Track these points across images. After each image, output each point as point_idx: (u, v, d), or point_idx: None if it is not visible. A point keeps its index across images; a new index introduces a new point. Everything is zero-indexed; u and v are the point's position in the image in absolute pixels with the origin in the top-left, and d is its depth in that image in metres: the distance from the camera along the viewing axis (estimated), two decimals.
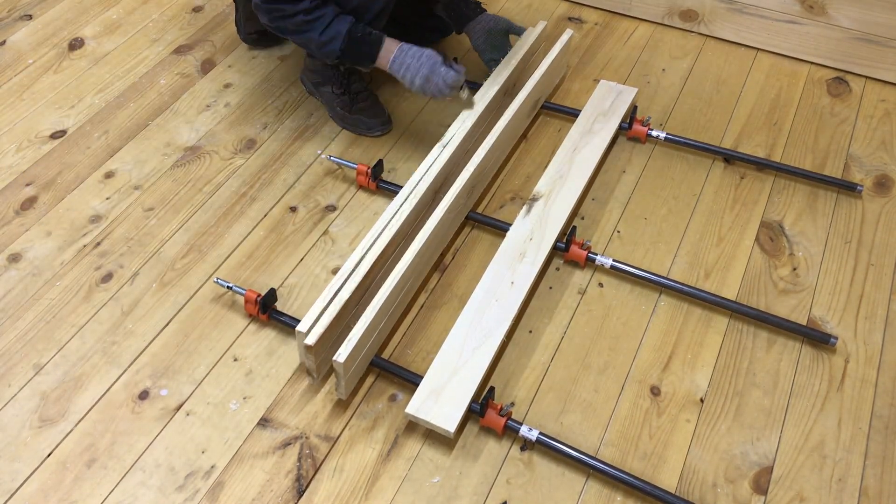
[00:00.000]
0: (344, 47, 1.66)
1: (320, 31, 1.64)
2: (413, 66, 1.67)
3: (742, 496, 1.36)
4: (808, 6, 2.08)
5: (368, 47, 1.68)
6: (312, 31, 1.64)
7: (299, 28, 1.65)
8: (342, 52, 1.66)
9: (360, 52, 1.68)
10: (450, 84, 1.67)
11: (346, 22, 1.66)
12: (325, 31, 1.65)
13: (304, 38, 1.67)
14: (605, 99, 1.95)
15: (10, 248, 1.73)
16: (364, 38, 1.67)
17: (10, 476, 1.39)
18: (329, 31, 1.65)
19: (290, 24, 1.64)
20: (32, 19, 2.29)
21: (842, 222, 1.77)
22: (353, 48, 1.67)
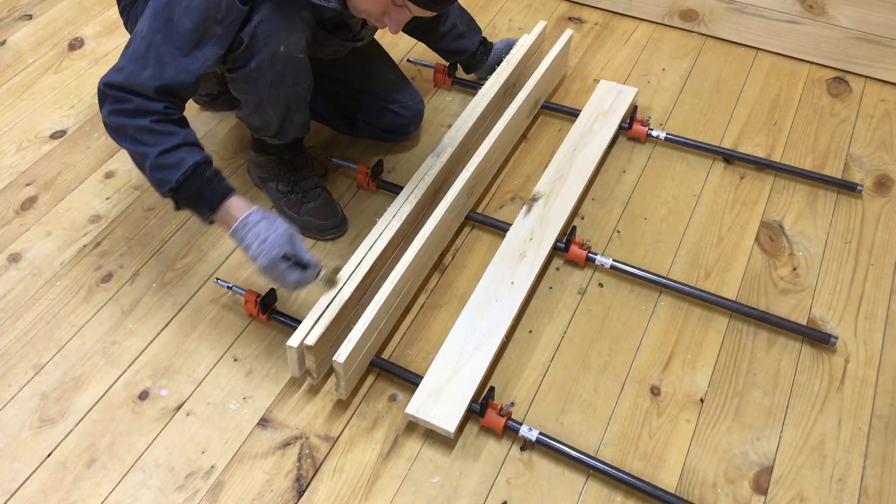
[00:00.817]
0: (182, 179, 1.32)
1: (161, 150, 1.32)
2: (253, 248, 1.33)
3: (742, 496, 1.36)
4: (808, 6, 2.08)
5: (211, 194, 1.35)
6: (152, 145, 1.32)
7: (138, 136, 1.33)
8: (178, 185, 1.33)
9: (201, 194, 1.35)
10: (292, 285, 1.36)
11: (198, 154, 1.35)
12: (167, 153, 1.32)
13: (139, 151, 1.34)
14: (605, 99, 1.95)
15: (10, 248, 1.73)
16: (211, 181, 1.35)
17: (10, 476, 1.39)
18: (172, 156, 1.33)
19: (131, 126, 1.33)
20: (32, 19, 2.29)
21: (842, 222, 1.77)
22: (193, 185, 1.34)
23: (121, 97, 1.33)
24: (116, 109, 1.34)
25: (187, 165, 1.33)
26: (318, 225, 1.72)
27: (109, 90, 1.34)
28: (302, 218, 1.72)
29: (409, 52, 2.17)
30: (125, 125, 1.33)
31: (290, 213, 1.73)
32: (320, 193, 1.74)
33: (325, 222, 1.72)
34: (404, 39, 2.20)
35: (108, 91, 1.34)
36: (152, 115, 1.33)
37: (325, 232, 1.73)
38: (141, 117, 1.33)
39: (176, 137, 1.34)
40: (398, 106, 1.83)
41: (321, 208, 1.73)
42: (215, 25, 1.34)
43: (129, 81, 1.32)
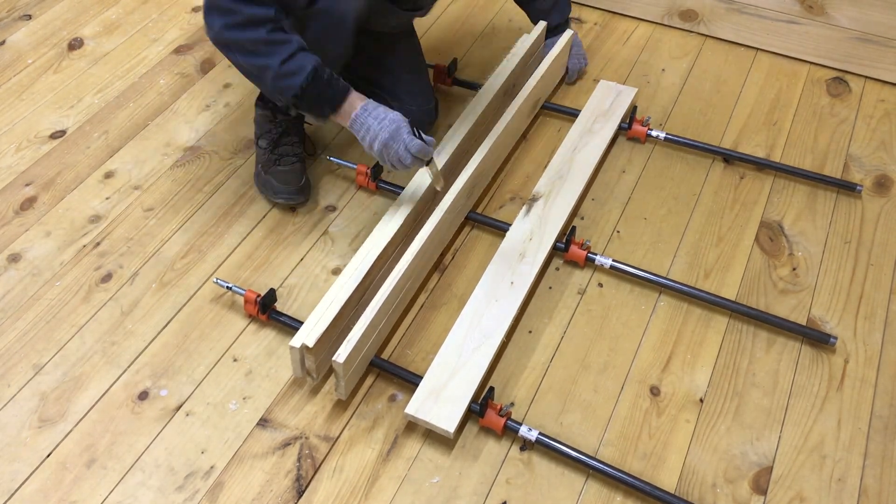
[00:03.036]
0: (305, 85, 1.40)
1: (282, 60, 1.37)
2: (374, 127, 1.44)
3: (742, 496, 1.36)
4: (808, 6, 2.08)
5: (332, 92, 1.43)
6: (272, 55, 1.37)
7: (256, 49, 1.37)
8: (302, 91, 1.40)
9: (322, 95, 1.43)
10: (413, 153, 1.45)
11: (312, 59, 1.41)
12: (288, 60, 1.38)
13: (258, 64, 1.39)
14: (605, 99, 1.95)
15: (9, 248, 1.73)
16: (330, 82, 1.43)
17: (9, 476, 1.39)
18: (292, 63, 1.38)
19: (247, 40, 1.37)
20: (32, 19, 2.29)
21: (841, 222, 1.77)
22: (315, 89, 1.41)
23: (228, 8, 1.35)
24: (229, 24, 1.36)
25: (308, 70, 1.39)
26: (275, 187, 1.76)
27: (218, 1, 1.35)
28: (266, 176, 1.77)
29: None
30: (239, 39, 1.37)
31: (259, 170, 1.79)
32: (294, 162, 1.78)
33: (284, 186, 1.76)
34: None
35: (220, 2, 1.35)
36: (266, 24, 1.36)
37: (279, 194, 1.76)
38: (254, 28, 1.36)
39: (292, 45, 1.39)
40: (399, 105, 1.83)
41: (287, 174, 1.76)
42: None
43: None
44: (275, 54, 1.37)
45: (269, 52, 1.37)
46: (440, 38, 2.22)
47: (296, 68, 1.39)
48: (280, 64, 1.37)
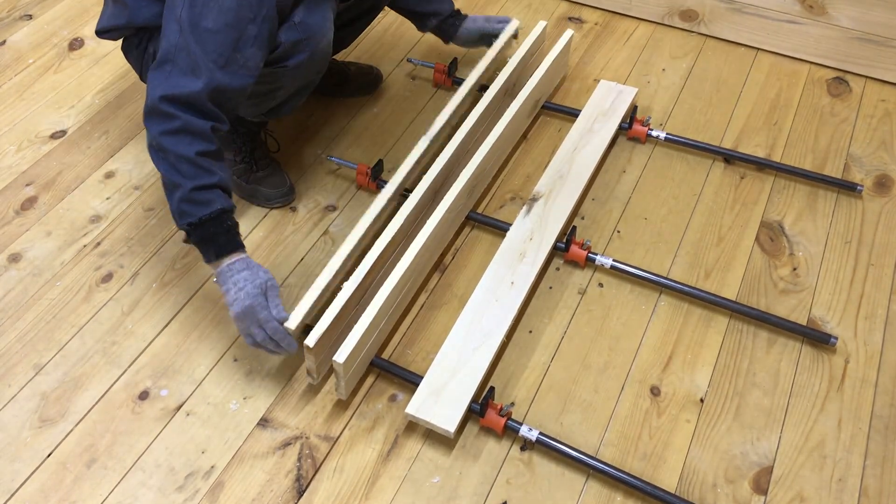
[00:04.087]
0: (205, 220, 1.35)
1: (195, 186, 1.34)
2: (231, 293, 1.36)
3: (742, 496, 1.36)
4: (808, 6, 2.07)
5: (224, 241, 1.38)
6: (188, 178, 1.34)
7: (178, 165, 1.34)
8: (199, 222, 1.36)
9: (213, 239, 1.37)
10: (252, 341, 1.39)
11: (226, 201, 1.38)
12: (201, 190, 1.34)
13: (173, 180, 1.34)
14: (605, 99, 1.95)
15: (10, 248, 1.73)
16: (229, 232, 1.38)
17: (10, 476, 1.39)
18: (204, 194, 1.35)
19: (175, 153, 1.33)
20: (32, 19, 2.29)
21: (842, 222, 1.77)
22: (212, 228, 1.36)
23: (170, 114, 1.33)
24: (167, 130, 1.33)
25: (215, 208, 1.36)
26: (265, 193, 1.79)
27: (163, 104, 1.33)
28: (250, 186, 1.79)
29: (409, 51, 2.17)
30: (169, 149, 1.34)
31: (239, 181, 1.79)
32: (270, 163, 1.80)
33: (273, 191, 1.78)
34: (405, 39, 2.20)
35: (160, 106, 1.33)
36: (198, 143, 1.34)
37: (272, 200, 1.79)
38: (187, 144, 1.34)
39: (214, 177, 1.36)
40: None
41: (269, 177, 1.78)
42: (249, 25, 1.35)
43: (183, 91, 1.33)
44: (192, 178, 1.34)
45: (188, 173, 1.34)
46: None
47: (204, 200, 1.35)
48: (191, 189, 1.34)
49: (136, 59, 1.65)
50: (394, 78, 2.10)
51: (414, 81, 2.09)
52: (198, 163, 1.34)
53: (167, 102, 1.33)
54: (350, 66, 2.01)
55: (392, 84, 2.08)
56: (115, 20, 1.59)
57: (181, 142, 1.34)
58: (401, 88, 2.07)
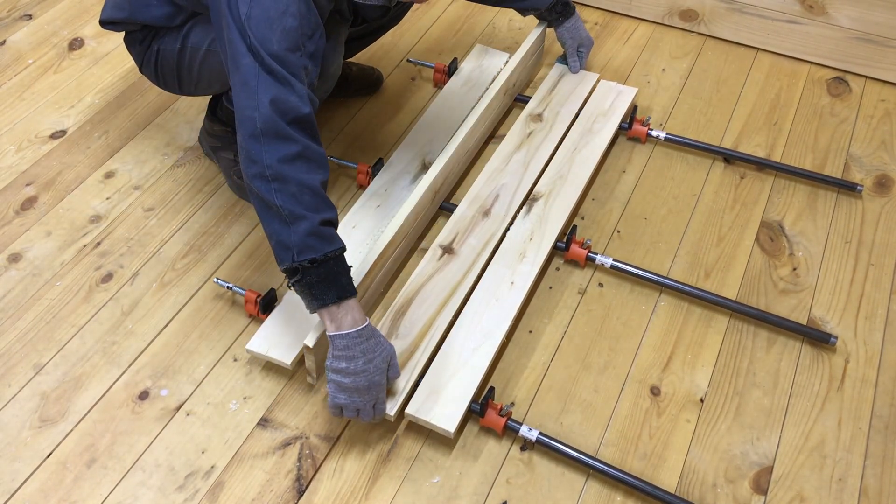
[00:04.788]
0: (331, 256, 1.24)
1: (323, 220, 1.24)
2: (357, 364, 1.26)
3: (742, 496, 1.36)
4: (808, 6, 2.07)
5: (346, 283, 1.26)
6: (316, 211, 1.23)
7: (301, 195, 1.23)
8: (324, 258, 1.24)
9: (336, 279, 1.25)
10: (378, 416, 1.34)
11: (342, 242, 1.28)
12: (327, 224, 1.25)
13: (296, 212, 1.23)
14: (605, 99, 1.95)
15: (10, 248, 1.73)
16: (348, 273, 1.27)
17: (10, 476, 1.39)
18: (330, 229, 1.26)
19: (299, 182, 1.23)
20: (32, 19, 2.29)
21: (842, 222, 1.77)
22: (335, 267, 1.25)
23: (291, 137, 1.22)
24: (287, 156, 1.21)
25: (338, 245, 1.25)
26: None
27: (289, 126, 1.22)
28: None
29: (408, 52, 2.17)
30: (291, 178, 1.21)
31: (239, 182, 1.76)
32: None
33: None
34: (405, 39, 2.20)
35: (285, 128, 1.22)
36: (320, 172, 1.24)
37: None
38: (308, 172, 1.22)
39: (334, 211, 1.26)
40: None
41: None
42: (307, 42, 1.30)
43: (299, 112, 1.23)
44: (320, 211, 1.23)
45: (314, 206, 1.22)
46: (440, 38, 2.22)
47: (330, 236, 1.25)
48: (320, 223, 1.23)
49: (137, 54, 1.65)
50: (394, 78, 2.10)
51: (414, 81, 2.09)
52: (321, 194, 1.24)
53: (291, 124, 1.22)
54: (351, 66, 2.01)
55: (392, 84, 2.08)
56: (117, 12, 1.59)
57: (301, 169, 1.23)
58: (401, 89, 2.07)
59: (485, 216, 1.68)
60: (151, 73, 1.66)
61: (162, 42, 1.58)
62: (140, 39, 1.62)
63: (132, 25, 1.61)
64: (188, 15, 1.54)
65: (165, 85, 1.67)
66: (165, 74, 1.63)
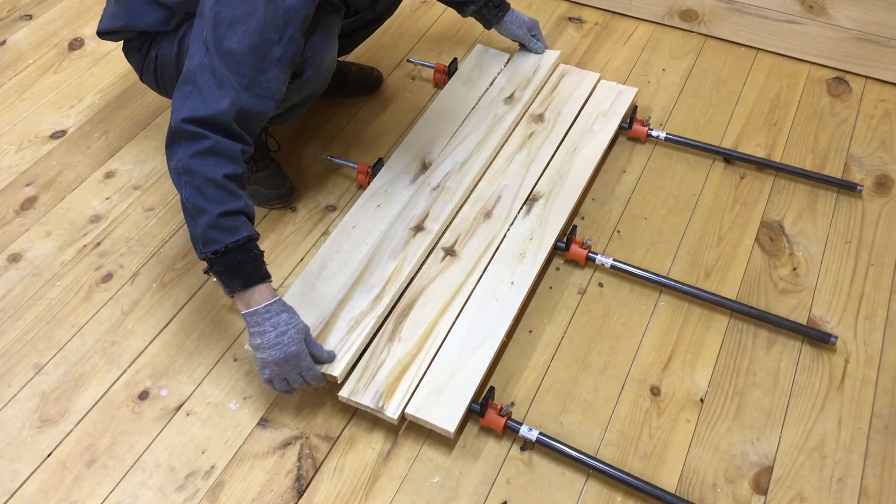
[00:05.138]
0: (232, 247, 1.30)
1: (222, 211, 1.29)
2: (269, 336, 1.32)
3: (742, 496, 1.36)
4: (808, 6, 2.07)
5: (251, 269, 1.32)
6: (215, 203, 1.29)
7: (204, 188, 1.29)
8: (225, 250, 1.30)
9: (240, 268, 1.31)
10: (308, 381, 1.38)
11: (251, 229, 1.33)
12: (227, 215, 1.29)
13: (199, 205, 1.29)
14: (605, 99, 1.94)
15: (10, 248, 1.73)
16: (256, 260, 1.33)
17: (10, 476, 1.39)
18: (231, 220, 1.30)
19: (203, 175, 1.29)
20: (32, 19, 2.29)
21: (842, 222, 1.77)
22: (239, 256, 1.31)
23: (198, 134, 1.28)
24: (197, 151, 1.28)
25: (241, 235, 1.31)
26: (265, 194, 1.77)
27: (187, 125, 1.28)
28: (250, 186, 1.76)
29: (409, 52, 2.17)
30: (196, 171, 1.28)
31: None
32: (270, 164, 1.78)
33: (272, 192, 1.77)
34: (405, 39, 2.20)
35: (184, 127, 1.28)
36: (226, 165, 1.30)
37: (272, 201, 1.78)
38: (213, 166, 1.29)
39: (240, 202, 1.31)
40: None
41: (269, 178, 1.77)
42: (274, 47, 1.32)
43: (209, 112, 1.28)
44: (218, 203, 1.29)
45: (215, 197, 1.29)
46: (440, 38, 2.22)
47: (231, 226, 1.30)
48: (219, 214, 1.29)
49: (136, 62, 1.66)
50: (394, 78, 2.10)
51: (414, 81, 2.09)
52: (225, 186, 1.30)
53: (193, 123, 1.29)
54: (351, 66, 2.01)
55: (392, 84, 2.08)
56: (114, 22, 1.59)
57: (208, 163, 1.29)
58: (401, 88, 2.07)
59: (487, 218, 1.68)
60: (152, 81, 1.66)
61: (159, 48, 1.59)
62: (138, 47, 1.62)
63: (129, 33, 1.61)
64: (182, 18, 1.55)
65: (167, 92, 1.67)
66: (165, 80, 1.63)
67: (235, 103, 1.30)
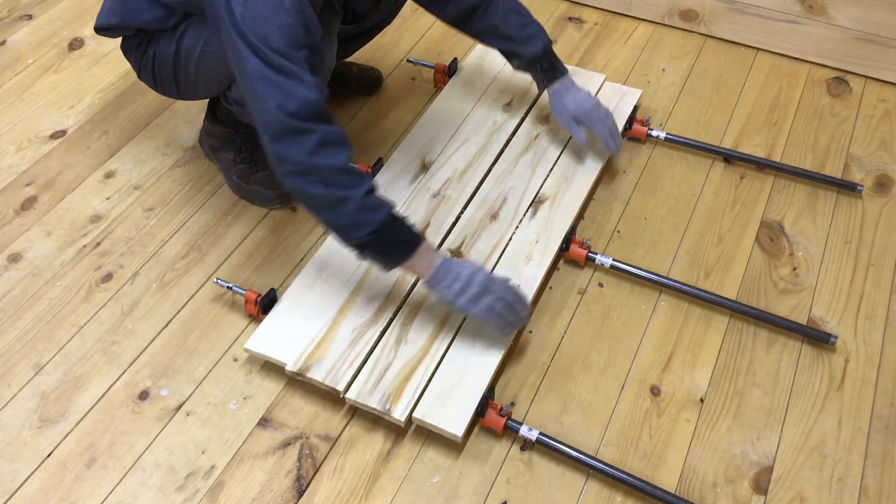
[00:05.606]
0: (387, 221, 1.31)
1: (365, 191, 1.30)
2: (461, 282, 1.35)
3: (742, 496, 1.36)
4: (808, 6, 2.08)
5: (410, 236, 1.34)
6: (355, 186, 1.29)
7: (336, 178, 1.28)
8: (381, 227, 1.31)
9: (401, 238, 1.34)
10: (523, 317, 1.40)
11: (388, 201, 1.33)
12: (370, 194, 1.31)
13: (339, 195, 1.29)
14: (609, 101, 1.94)
15: (10, 248, 1.73)
16: (404, 224, 1.34)
17: (10, 476, 1.39)
18: (374, 198, 1.31)
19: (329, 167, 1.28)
20: (32, 19, 2.29)
21: (842, 222, 1.77)
22: (394, 228, 1.33)
23: (305, 129, 1.26)
24: (311, 147, 1.26)
25: (387, 209, 1.31)
26: (266, 195, 1.77)
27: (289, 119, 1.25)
28: (251, 187, 1.76)
29: (409, 52, 2.17)
30: (322, 166, 1.27)
31: (239, 182, 1.77)
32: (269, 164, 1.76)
33: (273, 192, 1.76)
34: (405, 39, 2.20)
35: (287, 121, 1.25)
36: (343, 151, 1.29)
37: (272, 201, 1.77)
38: (334, 154, 1.28)
39: (368, 180, 1.31)
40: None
41: (269, 178, 1.76)
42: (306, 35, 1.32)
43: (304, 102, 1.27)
44: (357, 186, 1.29)
45: (352, 182, 1.28)
46: (440, 37, 2.22)
47: (377, 204, 1.31)
48: (364, 195, 1.29)
49: (134, 60, 1.65)
50: (394, 78, 2.10)
51: (414, 82, 2.09)
52: (349, 170, 1.29)
53: (291, 116, 1.26)
54: (351, 66, 2.01)
55: (392, 84, 2.08)
56: (111, 17, 1.58)
57: (327, 154, 1.27)
58: (401, 89, 2.07)
59: (493, 219, 1.67)
60: (149, 79, 1.66)
61: (157, 46, 1.58)
62: (136, 45, 1.62)
63: (127, 30, 1.61)
64: (181, 17, 1.54)
65: (164, 90, 1.67)
66: (163, 79, 1.63)
67: (313, 88, 1.28)
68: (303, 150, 1.27)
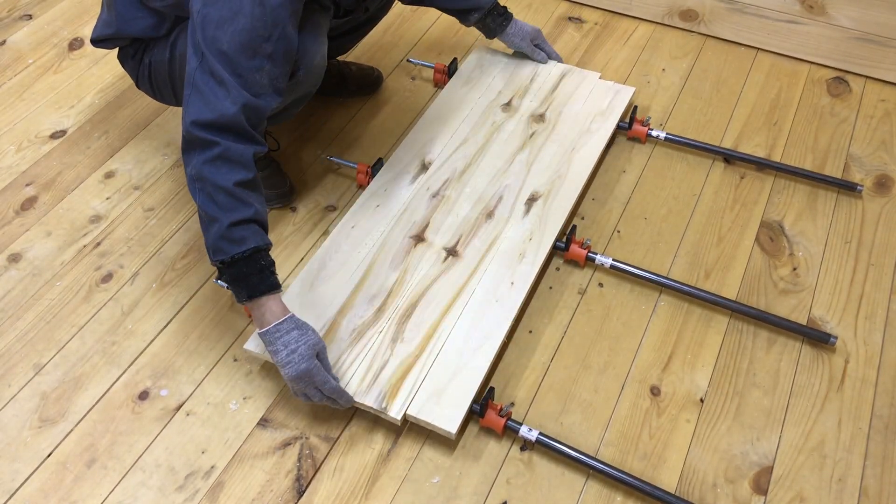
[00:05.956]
0: (238, 258, 1.30)
1: (232, 221, 1.29)
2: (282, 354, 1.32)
3: (742, 496, 1.36)
4: (808, 6, 2.07)
5: (257, 282, 1.32)
6: (226, 212, 1.29)
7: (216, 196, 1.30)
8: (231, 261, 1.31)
9: (246, 279, 1.32)
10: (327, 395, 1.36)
11: (261, 238, 1.33)
12: (237, 225, 1.30)
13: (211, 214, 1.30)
14: (603, 98, 1.94)
15: (10, 248, 1.73)
16: (262, 272, 1.32)
17: (10, 476, 1.39)
18: (240, 230, 1.30)
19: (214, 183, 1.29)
20: (32, 19, 2.29)
21: (842, 222, 1.77)
22: (245, 268, 1.32)
23: (208, 140, 1.29)
24: (208, 158, 1.29)
25: (248, 247, 1.31)
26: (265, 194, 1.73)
27: (198, 131, 1.29)
28: None
29: (409, 52, 2.17)
30: (207, 179, 1.29)
31: None
32: (269, 163, 1.77)
33: (272, 192, 1.76)
34: (405, 39, 2.20)
35: (194, 133, 1.29)
36: (237, 172, 1.30)
37: (272, 201, 1.77)
38: (225, 173, 1.29)
39: (250, 210, 1.31)
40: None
41: (269, 178, 1.76)
42: (265, 44, 1.32)
43: (215, 114, 1.29)
44: (228, 211, 1.29)
45: (225, 205, 1.29)
46: (440, 37, 2.22)
47: (239, 237, 1.30)
48: (229, 225, 1.29)
49: (131, 69, 1.66)
50: (394, 78, 2.10)
51: (414, 81, 2.09)
52: (235, 194, 1.30)
53: (201, 128, 1.29)
54: (351, 66, 2.01)
55: (392, 84, 2.08)
56: (106, 29, 1.60)
57: (219, 170, 1.29)
58: (401, 88, 2.07)
59: (488, 218, 1.68)
60: (147, 88, 1.67)
61: (152, 54, 1.59)
62: (132, 54, 1.63)
63: (122, 40, 1.62)
64: (172, 22, 1.55)
65: (162, 97, 1.68)
66: (160, 86, 1.63)
67: (237, 102, 1.30)
68: (200, 158, 1.30)
